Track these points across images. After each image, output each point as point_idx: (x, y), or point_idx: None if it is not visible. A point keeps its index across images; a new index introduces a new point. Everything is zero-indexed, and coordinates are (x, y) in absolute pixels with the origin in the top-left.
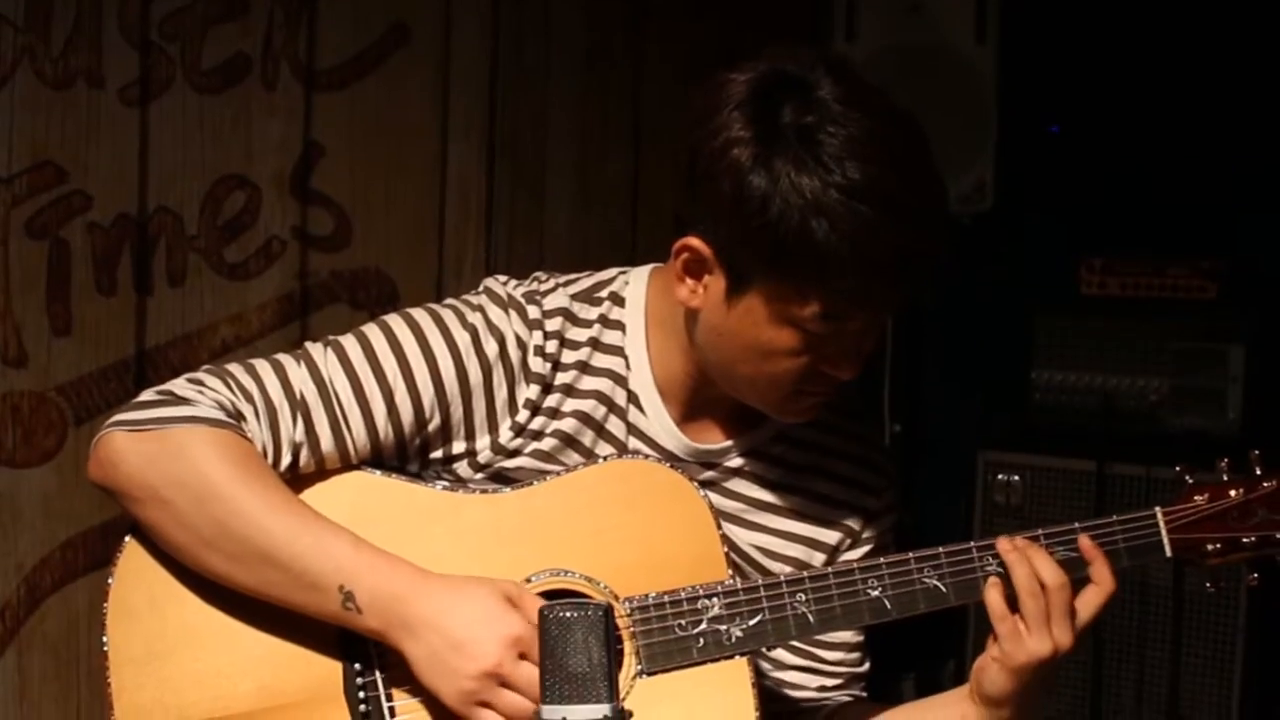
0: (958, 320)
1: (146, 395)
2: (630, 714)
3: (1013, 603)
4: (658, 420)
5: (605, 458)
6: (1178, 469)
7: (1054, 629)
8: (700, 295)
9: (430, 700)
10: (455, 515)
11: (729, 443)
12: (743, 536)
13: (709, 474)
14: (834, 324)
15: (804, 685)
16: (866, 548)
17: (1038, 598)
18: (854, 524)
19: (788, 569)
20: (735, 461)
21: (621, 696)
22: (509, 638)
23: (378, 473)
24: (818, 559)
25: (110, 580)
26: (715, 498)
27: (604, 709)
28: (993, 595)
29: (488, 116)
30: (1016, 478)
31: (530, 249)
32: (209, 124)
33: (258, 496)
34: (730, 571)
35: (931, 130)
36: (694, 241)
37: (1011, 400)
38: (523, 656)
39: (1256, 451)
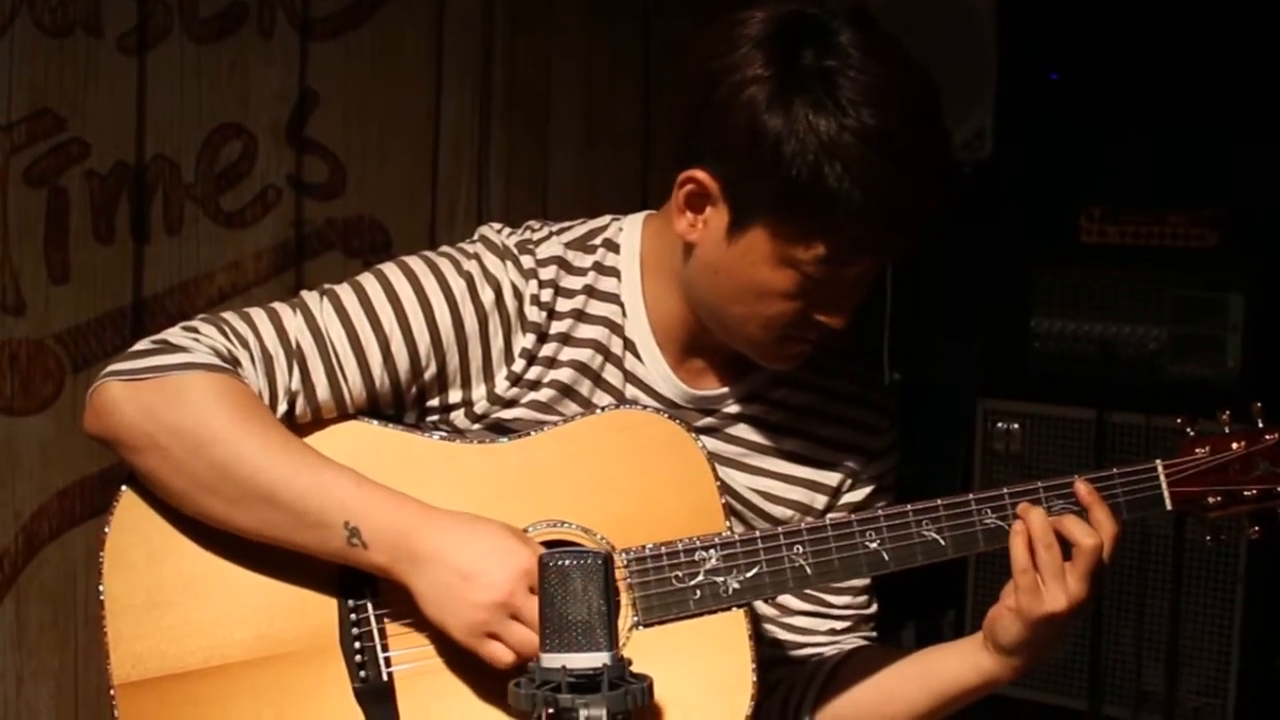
0: (957, 269)
1: (141, 345)
2: (629, 662)
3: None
4: (655, 367)
5: (603, 408)
6: (1179, 421)
7: (1069, 581)
8: (700, 230)
9: (427, 649)
10: (452, 465)
11: (727, 388)
12: (742, 481)
13: (708, 420)
14: (833, 269)
15: (814, 630)
16: (868, 488)
17: (1054, 550)
18: (855, 465)
19: (789, 513)
20: (734, 407)
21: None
22: (520, 570)
23: (375, 423)
24: (819, 501)
25: (106, 530)
26: (715, 443)
27: (603, 657)
28: (1018, 545)
29: (483, 64)
30: (1016, 426)
31: (533, 198)
32: (206, 72)
33: (257, 438)
34: (728, 523)
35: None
36: (699, 174)
37: (1011, 349)
38: (533, 590)
39: (1259, 404)
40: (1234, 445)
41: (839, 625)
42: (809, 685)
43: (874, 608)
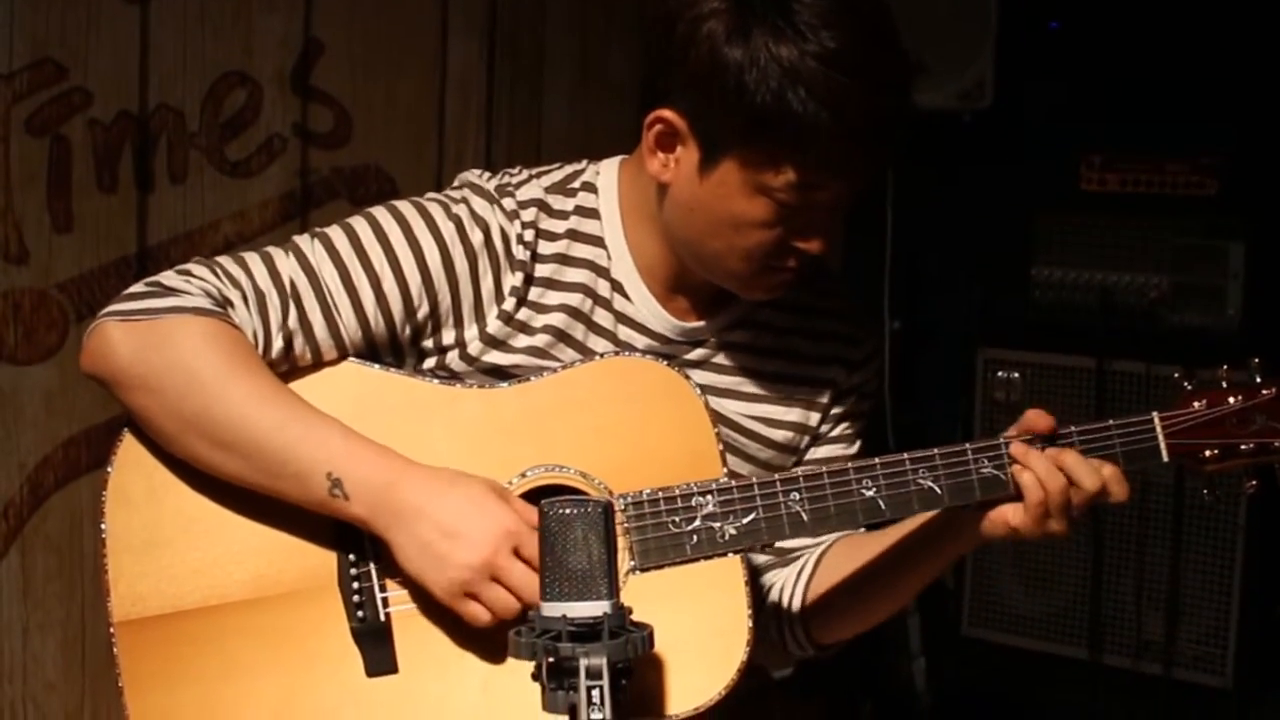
0: (958, 217)
1: (137, 287)
2: (630, 610)
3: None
4: (644, 305)
5: (602, 355)
6: (1176, 375)
7: (1072, 515)
8: (672, 169)
9: (423, 590)
10: (451, 409)
11: (715, 319)
12: (743, 410)
13: (700, 352)
14: (806, 194)
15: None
16: (852, 398)
17: (1066, 492)
18: (839, 377)
19: (789, 434)
20: (723, 336)
21: None
22: (503, 530)
23: (375, 367)
24: (813, 418)
25: (109, 469)
26: (709, 375)
27: (604, 605)
28: (1027, 478)
29: (488, 11)
30: (1016, 375)
31: (528, 144)
32: (210, 20)
33: (245, 384)
34: (725, 469)
35: (932, 27)
36: (667, 113)
37: (1011, 297)
38: (515, 551)
39: (1256, 359)
40: (1231, 399)
41: None
42: (799, 577)
43: None
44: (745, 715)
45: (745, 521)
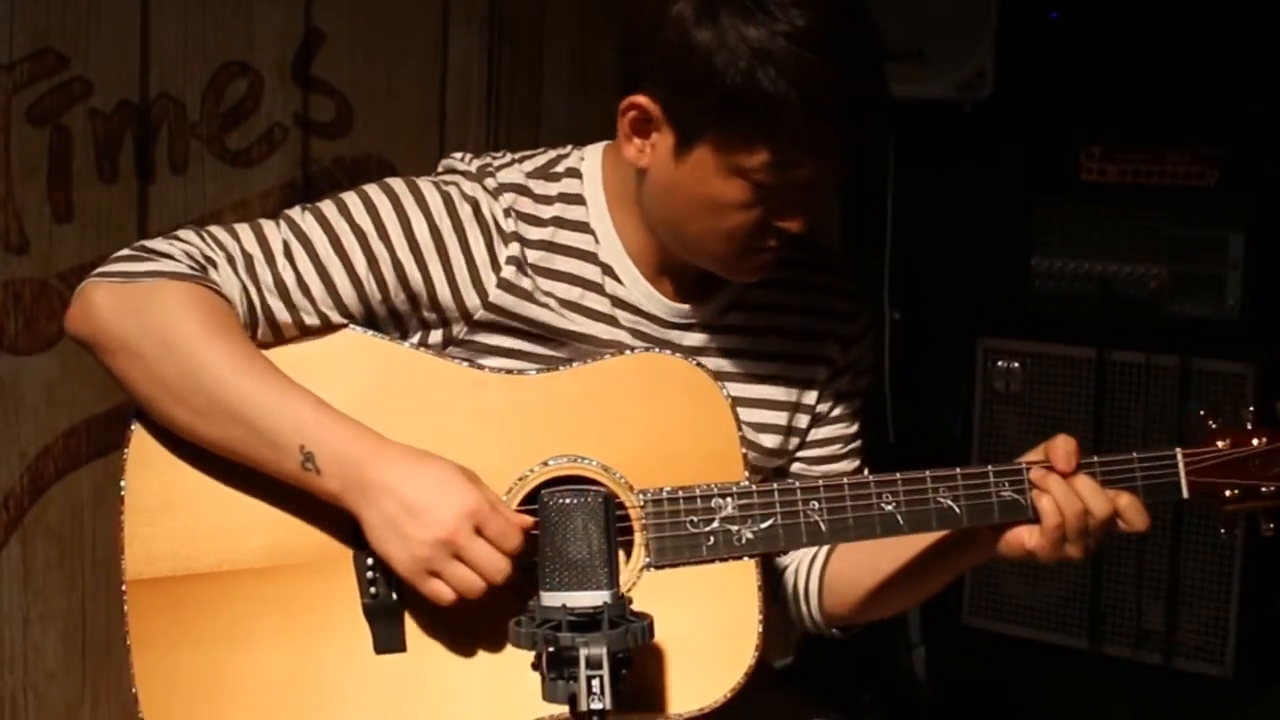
0: (957, 207)
1: (124, 251)
2: (630, 601)
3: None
4: (636, 287)
5: (632, 349)
6: (1200, 412)
7: (1089, 541)
8: (648, 154)
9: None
10: (477, 393)
11: (708, 304)
12: (742, 392)
13: (698, 337)
14: (782, 173)
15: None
16: (848, 375)
17: (1080, 515)
18: (833, 353)
19: (787, 415)
20: (718, 318)
21: (628, 587)
22: (465, 510)
23: (405, 344)
24: (810, 397)
25: (131, 430)
26: (716, 360)
27: (603, 595)
28: (1046, 502)
29: (488, 1)
30: (1016, 365)
31: (528, 134)
32: (210, 10)
33: (223, 352)
34: (747, 473)
35: (932, 16)
36: (640, 99)
37: (1011, 287)
38: (478, 531)
39: None
40: (1255, 440)
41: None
42: (813, 558)
43: (860, 441)
44: (745, 704)
45: (763, 527)
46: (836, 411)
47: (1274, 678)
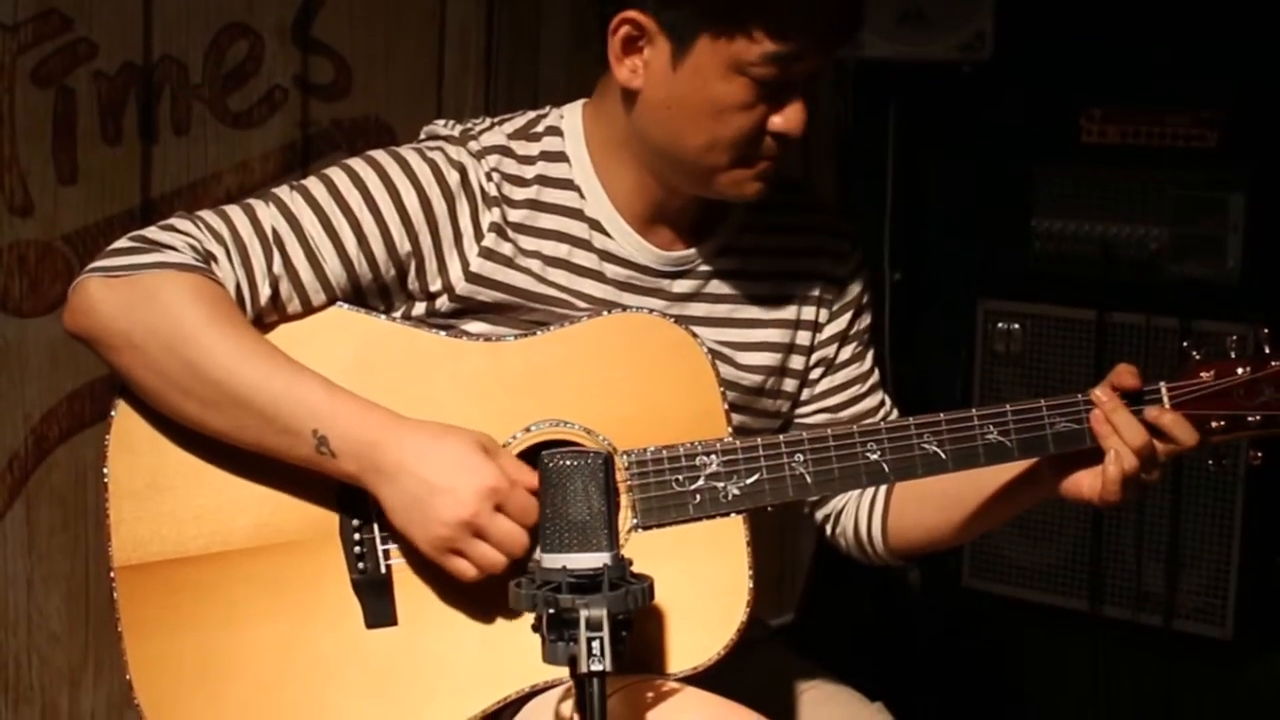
0: (958, 169)
1: (121, 243)
2: (630, 562)
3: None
4: (625, 239)
5: (609, 310)
6: (1184, 344)
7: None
8: (642, 72)
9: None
10: (456, 361)
11: (699, 247)
12: (737, 337)
13: (690, 283)
14: (781, 66)
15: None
16: (848, 314)
17: (1151, 452)
18: (829, 294)
19: (776, 357)
20: (709, 263)
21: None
22: (486, 488)
23: (380, 317)
24: (803, 338)
25: (112, 414)
26: (704, 306)
27: (604, 557)
28: (1106, 432)
29: None
30: (1016, 326)
31: (525, 97)
32: None
33: (230, 340)
34: (730, 429)
35: None
36: (631, 13)
37: (1011, 249)
38: (498, 508)
39: (1265, 330)
40: (1239, 370)
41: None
42: (874, 495)
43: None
44: (743, 664)
45: (749, 482)
46: (845, 354)
47: (1274, 639)
